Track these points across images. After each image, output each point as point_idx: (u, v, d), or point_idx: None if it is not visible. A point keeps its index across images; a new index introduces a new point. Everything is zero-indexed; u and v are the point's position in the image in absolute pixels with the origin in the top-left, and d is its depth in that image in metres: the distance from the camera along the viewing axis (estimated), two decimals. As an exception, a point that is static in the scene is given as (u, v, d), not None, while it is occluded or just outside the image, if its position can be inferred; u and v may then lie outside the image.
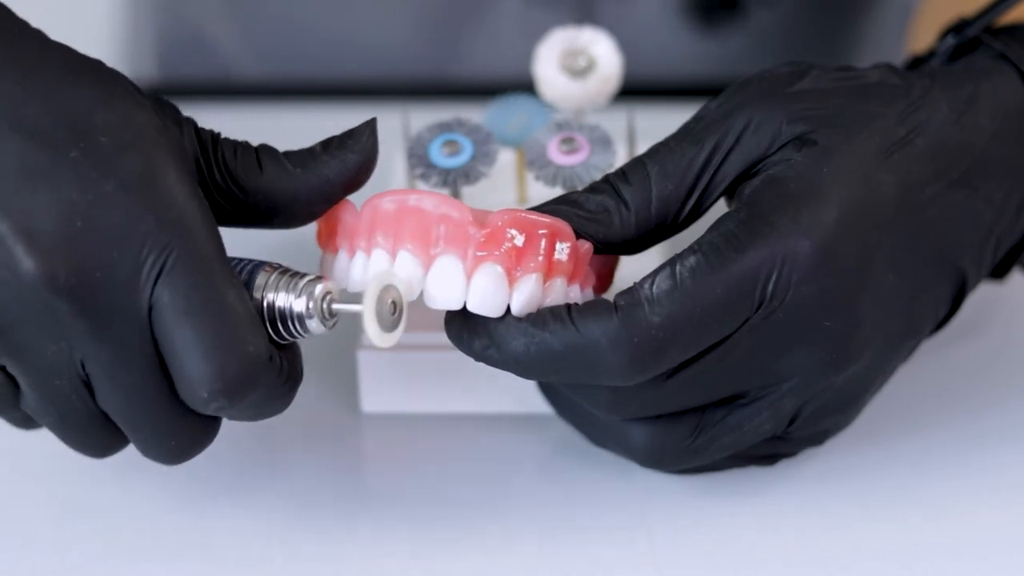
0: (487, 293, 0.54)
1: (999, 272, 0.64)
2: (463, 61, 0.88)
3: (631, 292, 0.53)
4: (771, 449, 0.60)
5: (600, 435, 0.59)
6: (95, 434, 0.54)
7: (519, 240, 0.54)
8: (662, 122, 0.59)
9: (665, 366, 0.54)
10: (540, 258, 0.54)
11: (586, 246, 0.56)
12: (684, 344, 0.53)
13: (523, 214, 0.54)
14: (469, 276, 0.54)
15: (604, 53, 0.67)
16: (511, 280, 0.54)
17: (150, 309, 0.51)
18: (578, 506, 0.60)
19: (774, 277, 0.53)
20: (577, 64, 0.66)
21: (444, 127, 0.64)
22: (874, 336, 0.56)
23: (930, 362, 0.66)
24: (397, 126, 0.68)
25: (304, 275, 0.54)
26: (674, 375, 0.55)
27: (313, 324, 0.54)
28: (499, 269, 0.54)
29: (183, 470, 0.62)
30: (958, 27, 0.62)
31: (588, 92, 0.66)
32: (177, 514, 0.60)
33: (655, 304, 0.53)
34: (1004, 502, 0.60)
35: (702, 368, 0.55)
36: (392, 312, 0.54)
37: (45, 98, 0.51)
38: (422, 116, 0.67)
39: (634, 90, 0.75)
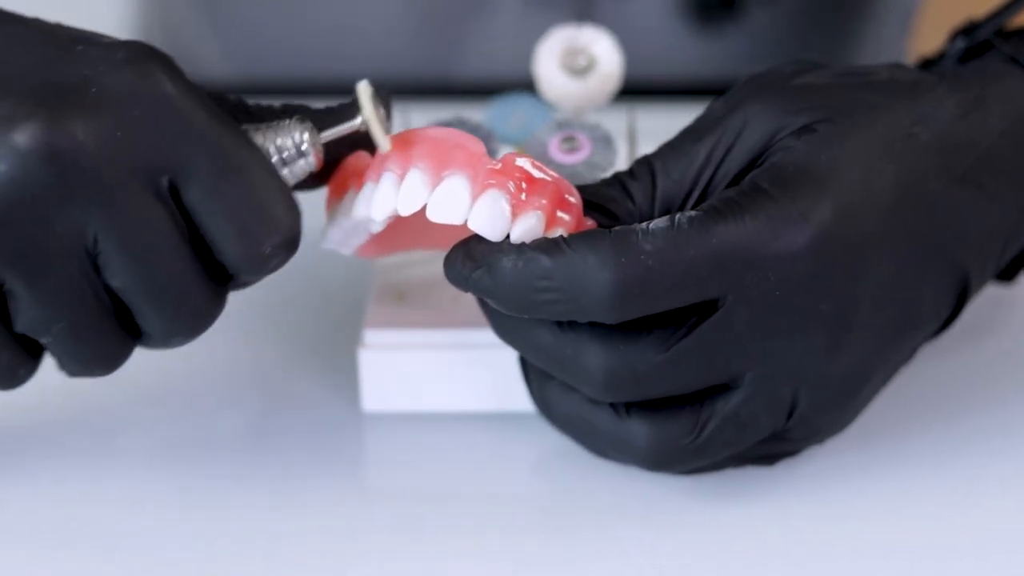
0: (490, 213, 0.54)
1: (1007, 274, 0.64)
2: (463, 61, 0.88)
3: (627, 226, 0.54)
4: (771, 449, 0.60)
5: (601, 444, 0.59)
6: (107, 334, 0.53)
7: (531, 175, 0.55)
8: (663, 121, 0.59)
9: (650, 303, 0.54)
10: (544, 202, 0.55)
11: (591, 222, 0.56)
12: (671, 283, 0.53)
13: (537, 162, 0.55)
14: (475, 199, 0.54)
15: (604, 52, 0.67)
16: (515, 214, 0.54)
17: (173, 175, 0.52)
18: (579, 505, 0.60)
19: (770, 247, 0.54)
20: (577, 63, 0.67)
21: (445, 126, 0.64)
22: (871, 325, 0.56)
23: (933, 364, 0.66)
24: (398, 126, 0.68)
25: (280, 122, 0.55)
26: (672, 347, 0.55)
27: (311, 160, 0.55)
28: (505, 196, 0.54)
29: (182, 468, 0.62)
30: (967, 30, 0.62)
31: (588, 91, 0.66)
32: (176, 513, 0.60)
33: (648, 235, 0.53)
34: (1006, 504, 0.60)
35: (699, 339, 0.55)
36: (385, 118, 0.55)
37: (51, 27, 0.53)
38: (422, 116, 0.67)
39: (634, 89, 0.75)
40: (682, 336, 0.55)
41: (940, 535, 0.59)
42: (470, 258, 0.55)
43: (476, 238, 0.55)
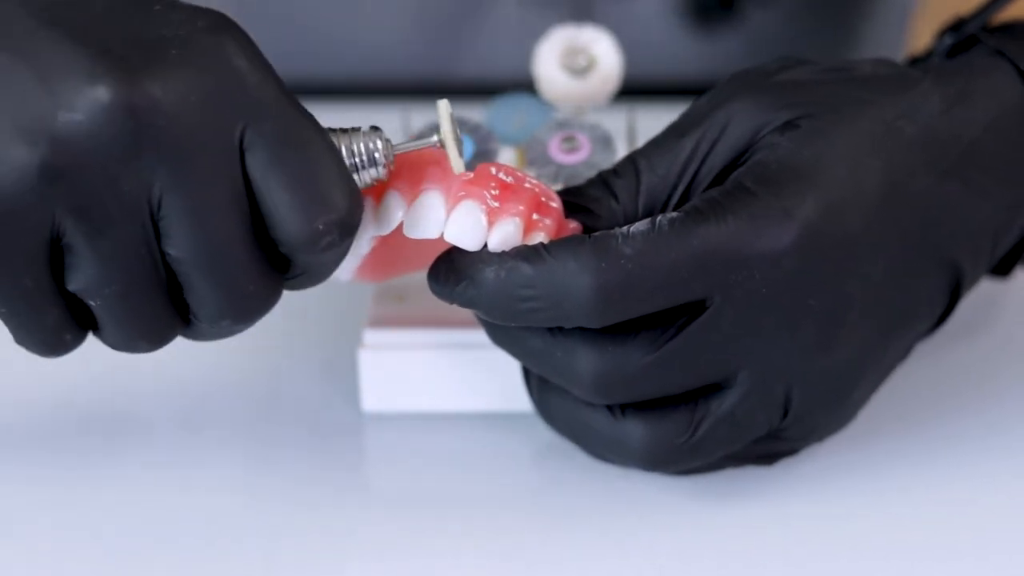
0: (465, 224, 0.54)
1: (1003, 269, 0.64)
2: (463, 61, 0.88)
3: (608, 231, 0.54)
4: (769, 449, 0.60)
5: (597, 445, 0.59)
6: (157, 307, 0.53)
7: (505, 183, 0.55)
8: (662, 121, 0.59)
9: (632, 306, 0.54)
10: (522, 208, 0.55)
11: (574, 224, 0.56)
12: (652, 286, 0.53)
13: (513, 168, 0.55)
14: (449, 211, 0.54)
15: (604, 52, 0.67)
16: (491, 222, 0.54)
17: (240, 146, 0.52)
18: (579, 505, 0.60)
19: (753, 246, 0.54)
20: (577, 63, 0.67)
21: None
22: (862, 322, 0.56)
23: (930, 361, 0.66)
24: (397, 126, 0.68)
25: (357, 128, 0.55)
26: (660, 348, 0.55)
27: (381, 170, 0.54)
28: (480, 206, 0.54)
29: (182, 468, 0.62)
30: (955, 26, 0.62)
31: (588, 91, 0.67)
32: (176, 513, 0.60)
33: (629, 238, 0.54)
34: (1005, 502, 0.60)
35: (687, 340, 0.55)
36: (459, 140, 0.55)
37: None
38: (422, 116, 0.67)
39: (633, 89, 0.75)
40: (670, 337, 0.55)
41: (939, 533, 0.59)
42: (452, 271, 0.55)
43: (457, 250, 0.55)
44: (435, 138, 0.55)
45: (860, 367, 0.58)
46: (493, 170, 0.55)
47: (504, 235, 0.54)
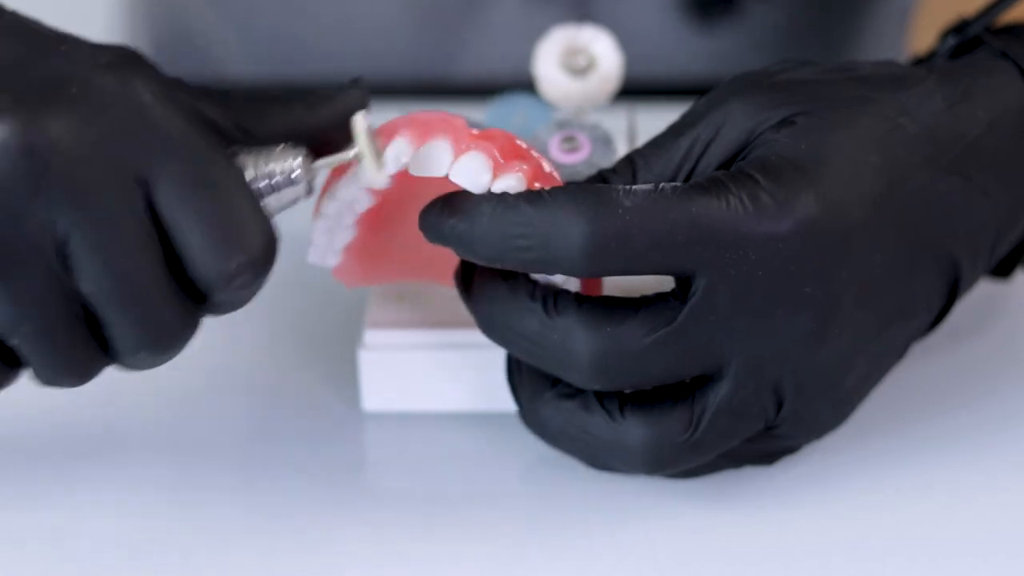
0: (472, 167, 0.54)
1: (1003, 270, 0.64)
2: (463, 61, 0.88)
3: (610, 185, 0.54)
4: (768, 447, 0.59)
5: (597, 452, 0.59)
6: (76, 341, 0.53)
7: (512, 142, 0.55)
8: (663, 121, 0.59)
9: (624, 262, 0.54)
10: (526, 167, 0.55)
11: None
12: (647, 242, 0.53)
13: (519, 138, 0.56)
14: (457, 157, 0.55)
15: (604, 51, 0.67)
16: (496, 175, 0.55)
17: (146, 182, 0.51)
18: (580, 505, 0.60)
19: (750, 227, 0.54)
20: (577, 63, 0.67)
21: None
22: (858, 314, 0.56)
23: (931, 362, 0.66)
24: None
25: (273, 147, 0.54)
26: (656, 332, 0.55)
27: (300, 188, 0.54)
28: (487, 158, 0.54)
29: (182, 468, 0.62)
30: (959, 27, 0.62)
31: (588, 91, 0.66)
32: (176, 513, 0.60)
33: (630, 193, 0.54)
34: (1004, 501, 0.60)
35: (683, 324, 0.55)
36: (380, 149, 0.55)
37: (35, 24, 0.53)
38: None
39: (634, 89, 0.75)
40: (670, 319, 0.55)
41: (939, 533, 0.59)
42: (448, 206, 0.55)
43: (456, 192, 0.55)
44: (352, 152, 0.54)
45: (854, 359, 0.58)
46: (499, 133, 0.55)
47: (507, 187, 0.55)
